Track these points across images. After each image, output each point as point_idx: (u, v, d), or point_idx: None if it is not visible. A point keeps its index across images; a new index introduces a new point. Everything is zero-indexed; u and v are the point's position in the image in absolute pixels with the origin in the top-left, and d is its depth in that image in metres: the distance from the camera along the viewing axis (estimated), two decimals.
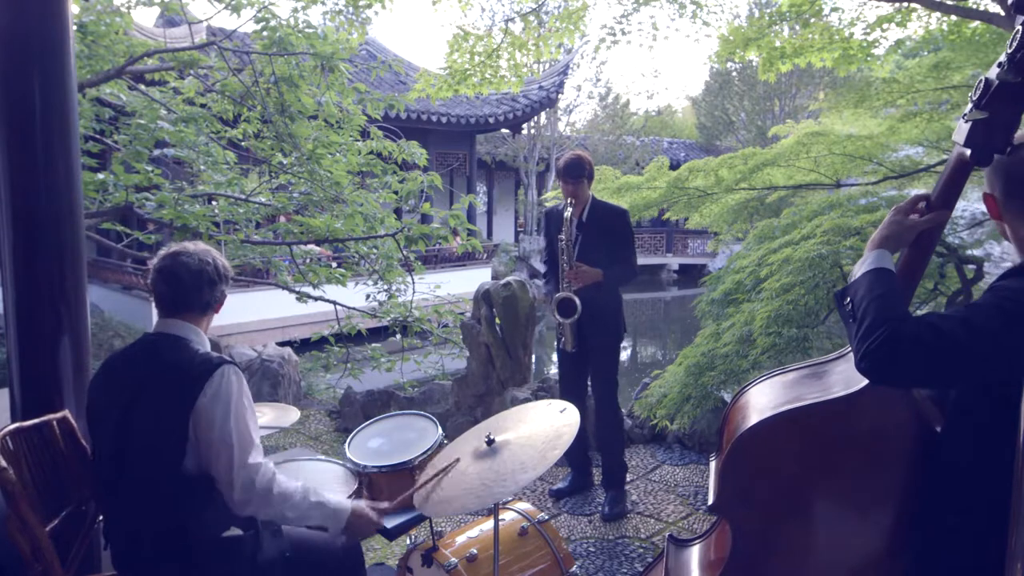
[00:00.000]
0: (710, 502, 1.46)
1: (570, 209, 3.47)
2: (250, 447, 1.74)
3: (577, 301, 3.41)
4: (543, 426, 1.93)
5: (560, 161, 3.58)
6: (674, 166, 5.10)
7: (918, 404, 1.39)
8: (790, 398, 1.42)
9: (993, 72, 1.23)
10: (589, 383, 3.82)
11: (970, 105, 1.27)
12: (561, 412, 1.98)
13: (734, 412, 1.54)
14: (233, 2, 4.53)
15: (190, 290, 1.86)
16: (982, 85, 1.24)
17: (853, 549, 1.41)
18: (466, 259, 14.12)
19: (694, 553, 1.72)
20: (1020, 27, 1.20)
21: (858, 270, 1.33)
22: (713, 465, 1.58)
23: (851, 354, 1.46)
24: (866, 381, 1.32)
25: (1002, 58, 1.22)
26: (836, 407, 1.34)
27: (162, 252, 1.92)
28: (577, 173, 3.49)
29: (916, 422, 1.37)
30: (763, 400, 1.48)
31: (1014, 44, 1.20)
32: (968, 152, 1.28)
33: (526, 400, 4.50)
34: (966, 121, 1.27)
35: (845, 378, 1.40)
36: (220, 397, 1.72)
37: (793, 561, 1.44)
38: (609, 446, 3.69)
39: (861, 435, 1.37)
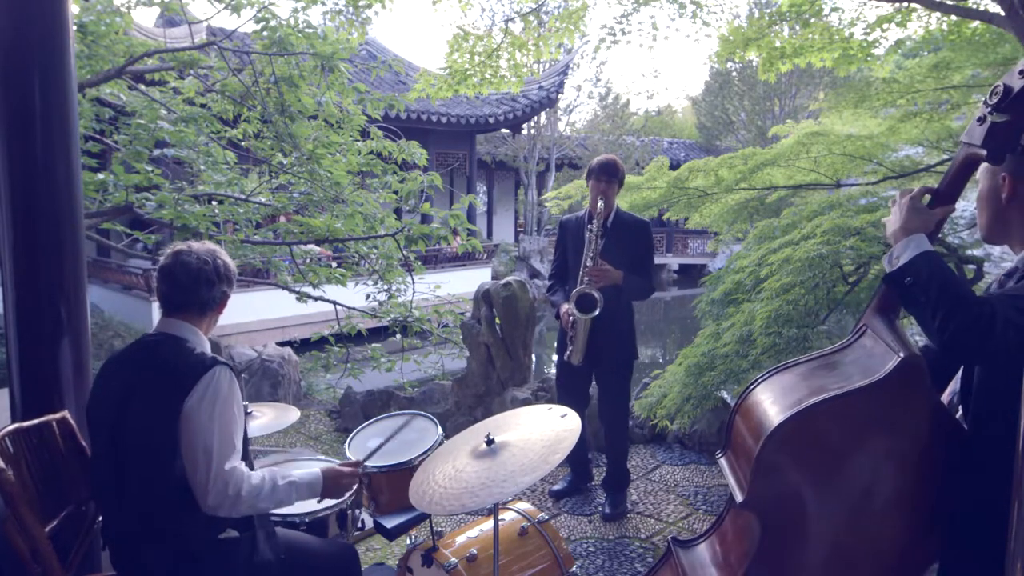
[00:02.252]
0: (740, 499, 1.45)
1: (601, 203, 3.36)
2: (230, 452, 1.73)
3: (598, 296, 3.28)
4: (544, 430, 1.93)
5: (594, 161, 3.49)
6: (674, 166, 5.10)
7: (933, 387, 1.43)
8: (812, 390, 1.44)
9: (1014, 79, 1.29)
10: (594, 393, 3.78)
11: (988, 108, 1.33)
12: (562, 417, 1.97)
13: (748, 409, 1.54)
14: (233, 2, 4.53)
15: (188, 289, 1.85)
16: (1001, 90, 1.31)
17: (884, 534, 1.43)
18: (466, 259, 14.12)
19: (704, 552, 1.72)
20: None
21: (904, 253, 1.41)
22: (724, 462, 1.59)
23: (856, 344, 1.51)
24: (891, 367, 1.36)
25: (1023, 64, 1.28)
26: (867, 394, 1.37)
27: (167, 251, 1.92)
28: (611, 174, 3.41)
29: (938, 404, 1.41)
30: (782, 395, 1.49)
31: None
32: (984, 152, 1.35)
33: (526, 400, 4.50)
34: (981, 123, 1.34)
35: (862, 367, 1.43)
36: (207, 399, 1.71)
37: (823, 550, 1.46)
38: (615, 454, 3.66)
39: (892, 419, 1.40)
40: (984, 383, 1.39)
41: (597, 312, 3.29)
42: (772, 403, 1.48)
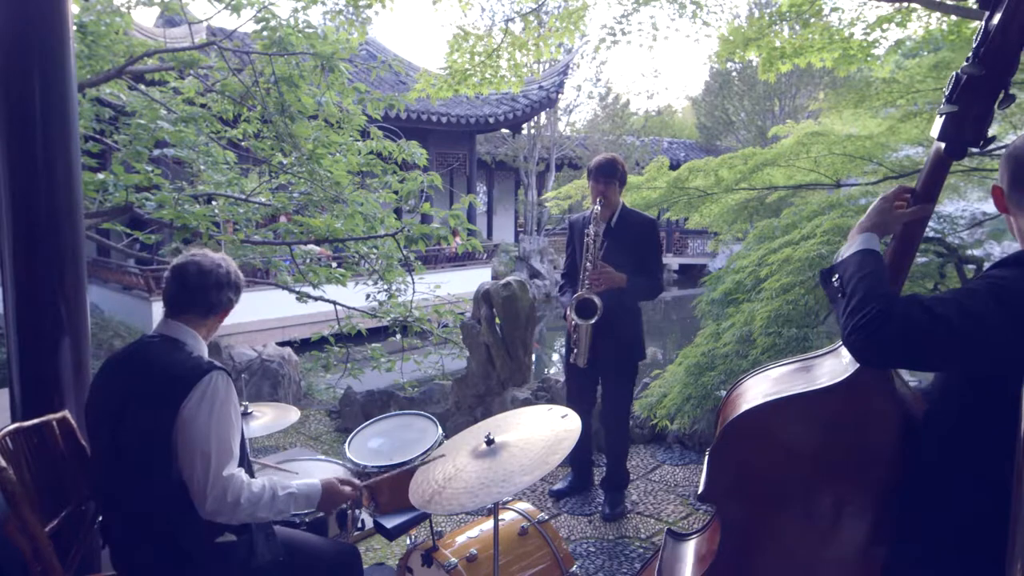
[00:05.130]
0: (700, 491, 1.50)
1: (598, 208, 3.32)
2: (228, 459, 1.73)
3: (598, 301, 3.24)
4: (544, 431, 1.93)
5: (593, 161, 3.45)
6: (674, 166, 5.10)
7: (901, 395, 1.42)
8: (777, 390, 1.46)
9: (962, 68, 1.28)
10: (599, 396, 3.77)
11: (943, 99, 1.32)
12: (562, 418, 1.97)
13: (726, 406, 1.58)
14: (233, 2, 4.53)
15: (195, 289, 1.86)
16: (952, 80, 1.30)
17: (839, 538, 1.43)
18: (466, 259, 14.11)
19: (690, 546, 1.76)
20: (983, 23, 1.25)
21: (846, 251, 1.37)
22: (707, 458, 1.61)
23: (841, 348, 1.49)
24: (851, 372, 1.36)
25: (970, 53, 1.27)
26: (819, 397, 1.38)
27: (183, 253, 1.93)
28: (609, 174, 3.36)
29: (899, 412, 1.39)
30: (752, 392, 1.52)
31: (978, 39, 1.25)
32: (943, 146, 1.32)
33: (526, 400, 4.50)
34: (939, 115, 1.32)
35: (831, 370, 1.44)
36: (204, 405, 1.71)
37: (780, 549, 1.47)
38: (614, 455, 3.66)
39: (844, 424, 1.40)
40: (935, 382, 1.37)
41: (596, 319, 3.27)
42: (742, 400, 1.51)
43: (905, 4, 4.75)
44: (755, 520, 1.47)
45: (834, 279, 1.33)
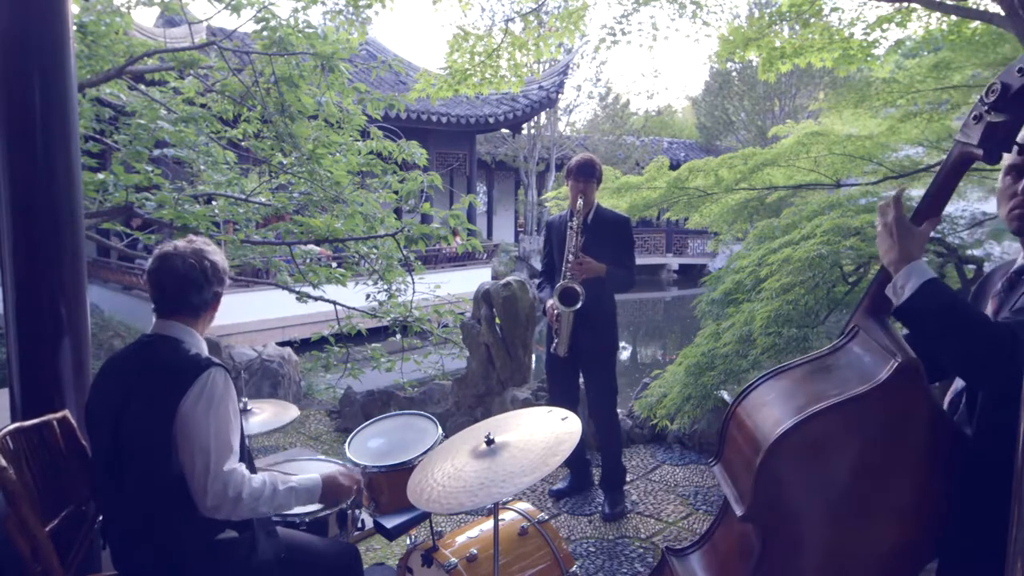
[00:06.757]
0: (740, 512, 1.41)
1: (581, 203, 3.45)
2: (227, 454, 1.73)
3: (580, 289, 3.36)
4: (544, 432, 1.92)
5: (572, 161, 3.59)
6: (674, 166, 5.10)
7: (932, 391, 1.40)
8: (810, 397, 1.40)
9: (1013, 77, 1.25)
10: (582, 387, 3.80)
11: (984, 106, 1.30)
12: (563, 420, 1.97)
13: (744, 417, 1.50)
14: (233, 2, 4.52)
15: (176, 295, 1.84)
16: (999, 88, 1.27)
17: (885, 539, 1.40)
18: (466, 259, 14.11)
19: (700, 561, 1.70)
20: None
21: (908, 283, 1.36)
22: (719, 471, 1.55)
23: (849, 347, 1.48)
24: (889, 371, 1.33)
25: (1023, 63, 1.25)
26: (867, 399, 1.33)
27: (155, 252, 1.89)
28: (589, 173, 3.50)
29: (937, 408, 1.38)
30: (780, 402, 1.45)
31: None
32: (981, 152, 1.32)
33: (526, 400, 4.50)
34: (977, 122, 1.30)
35: (858, 371, 1.40)
36: (203, 401, 1.71)
37: (824, 558, 1.43)
38: (609, 451, 3.68)
39: (892, 424, 1.37)
40: (992, 393, 1.36)
41: (579, 305, 3.38)
42: (770, 411, 1.44)
43: (905, 4, 4.75)
44: (802, 531, 1.42)
45: (916, 311, 1.35)
